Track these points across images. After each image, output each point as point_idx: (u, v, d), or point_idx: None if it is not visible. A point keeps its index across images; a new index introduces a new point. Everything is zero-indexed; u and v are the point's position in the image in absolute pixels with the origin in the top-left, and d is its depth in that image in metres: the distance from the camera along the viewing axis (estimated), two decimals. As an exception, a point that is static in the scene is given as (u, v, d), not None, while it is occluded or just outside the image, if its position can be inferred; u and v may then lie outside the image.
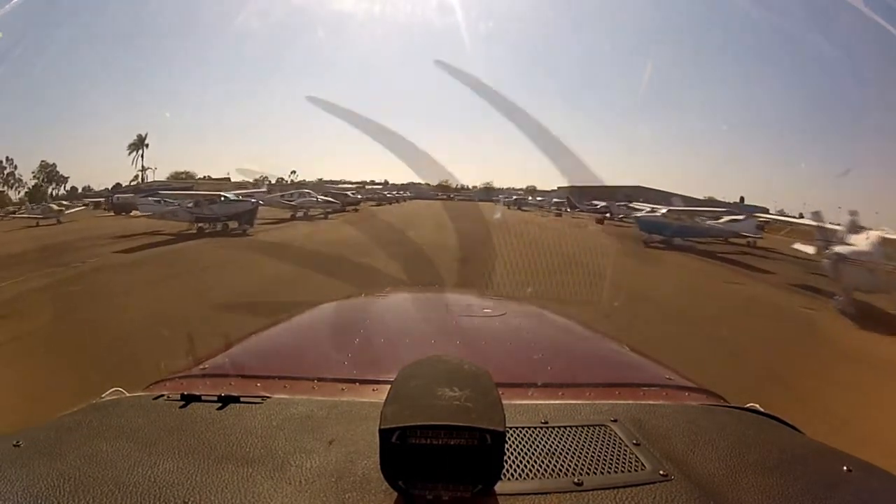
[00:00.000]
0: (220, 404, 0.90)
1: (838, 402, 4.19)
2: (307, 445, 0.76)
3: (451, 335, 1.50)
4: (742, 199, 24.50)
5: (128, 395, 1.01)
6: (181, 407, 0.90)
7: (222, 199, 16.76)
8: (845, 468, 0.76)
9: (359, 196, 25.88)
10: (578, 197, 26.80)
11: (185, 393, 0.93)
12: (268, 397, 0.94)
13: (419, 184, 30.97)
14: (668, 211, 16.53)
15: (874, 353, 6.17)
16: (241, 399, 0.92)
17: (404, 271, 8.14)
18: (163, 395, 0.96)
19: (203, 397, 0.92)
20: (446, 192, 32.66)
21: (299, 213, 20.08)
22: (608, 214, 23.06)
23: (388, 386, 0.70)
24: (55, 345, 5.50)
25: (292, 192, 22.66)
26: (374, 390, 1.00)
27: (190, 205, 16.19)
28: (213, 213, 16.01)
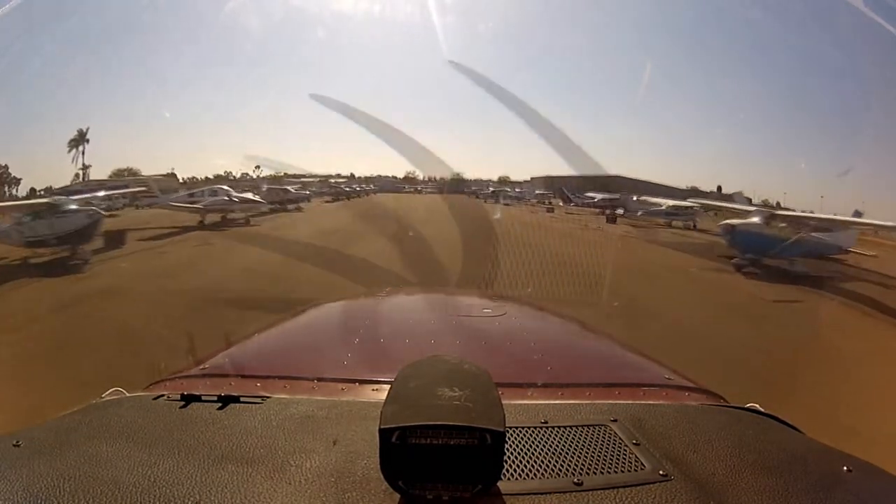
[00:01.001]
0: (220, 404, 0.90)
1: None
2: (307, 445, 0.76)
3: (451, 335, 1.50)
4: (719, 188, 23.25)
5: (128, 395, 1.01)
6: (181, 407, 0.90)
7: (55, 209, 10.99)
8: (845, 468, 0.76)
9: (307, 192, 22.07)
10: (566, 187, 23.70)
11: (185, 393, 0.93)
12: (268, 397, 0.94)
13: (386, 176, 28.64)
14: (771, 217, 11.27)
15: None
16: (241, 399, 0.92)
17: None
18: (163, 395, 0.96)
19: (203, 397, 0.92)
20: (413, 184, 29.78)
21: (212, 218, 14.75)
22: (621, 211, 18.54)
23: (388, 386, 0.70)
24: None
25: (203, 189, 16.80)
26: (374, 390, 1.00)
27: (26, 220, 10.84)
28: (34, 233, 10.66)
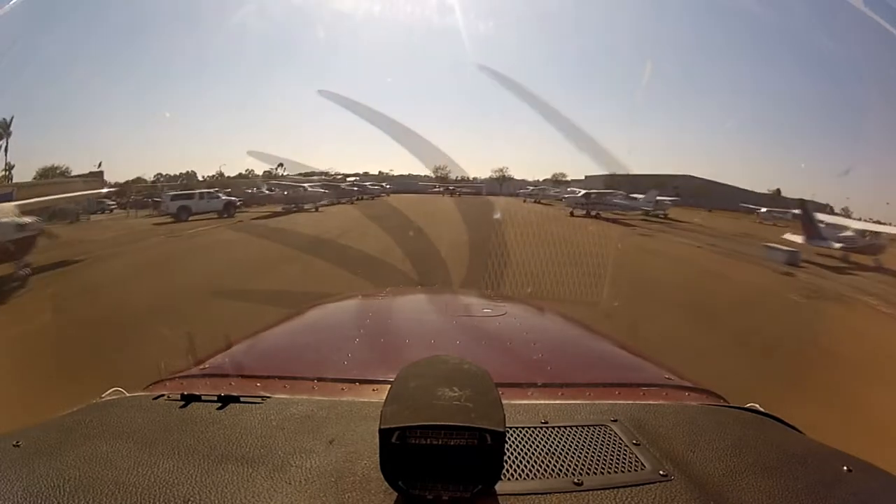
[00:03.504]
0: (220, 404, 0.90)
1: None
2: (307, 445, 0.76)
3: (451, 335, 1.50)
4: (778, 191, 19.90)
5: (128, 395, 1.01)
6: (181, 407, 0.91)
7: None
8: (845, 468, 0.76)
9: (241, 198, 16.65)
10: (602, 186, 16.75)
11: (185, 393, 0.93)
12: (268, 397, 0.94)
13: (417, 175, 24.37)
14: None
15: None
16: (241, 399, 0.92)
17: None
18: (163, 395, 0.96)
19: (203, 397, 0.92)
20: (445, 184, 24.83)
21: None
22: None
23: (388, 386, 0.70)
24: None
25: None
26: (374, 390, 1.00)
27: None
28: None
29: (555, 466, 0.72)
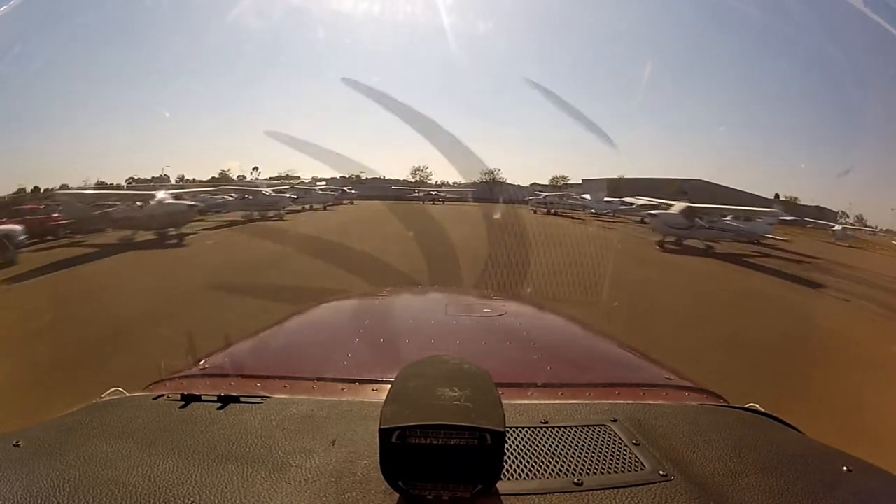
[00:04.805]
0: (219, 404, 0.90)
1: None
2: (307, 445, 0.76)
3: (451, 335, 1.50)
4: (777, 196, 20.68)
5: (128, 395, 1.02)
6: (181, 407, 0.91)
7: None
8: (845, 468, 0.76)
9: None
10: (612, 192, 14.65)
11: (185, 393, 0.94)
12: (268, 397, 0.94)
13: (392, 179, 23.05)
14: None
15: None
16: (241, 399, 0.92)
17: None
18: (163, 395, 0.96)
19: (203, 397, 0.92)
20: (424, 188, 22.65)
21: None
22: None
23: (388, 386, 0.70)
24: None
25: None
26: (374, 390, 1.01)
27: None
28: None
29: (555, 466, 0.72)
